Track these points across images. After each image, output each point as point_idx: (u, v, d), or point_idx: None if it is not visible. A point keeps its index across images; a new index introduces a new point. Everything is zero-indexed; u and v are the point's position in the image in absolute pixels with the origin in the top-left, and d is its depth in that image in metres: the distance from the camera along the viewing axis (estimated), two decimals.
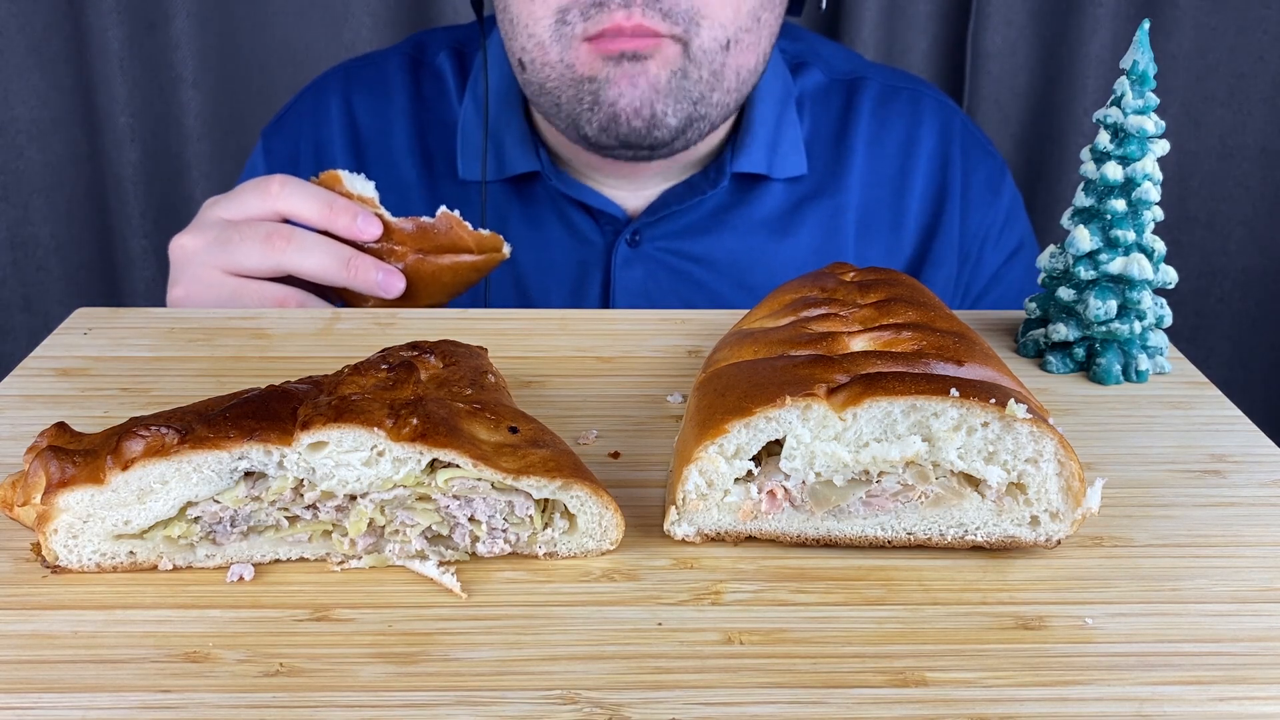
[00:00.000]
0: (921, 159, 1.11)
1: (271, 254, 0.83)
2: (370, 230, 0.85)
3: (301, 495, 0.53)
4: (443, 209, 0.87)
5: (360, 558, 0.54)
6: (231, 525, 0.54)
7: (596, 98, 0.93)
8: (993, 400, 0.53)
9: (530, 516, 0.54)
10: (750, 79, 0.98)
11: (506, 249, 0.89)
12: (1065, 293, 0.76)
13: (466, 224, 0.87)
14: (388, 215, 0.86)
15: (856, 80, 1.13)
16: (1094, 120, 0.74)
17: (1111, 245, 0.74)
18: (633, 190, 1.05)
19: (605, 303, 1.05)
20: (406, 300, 0.87)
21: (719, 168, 1.05)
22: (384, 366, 0.58)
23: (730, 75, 0.95)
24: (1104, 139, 0.74)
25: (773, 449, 0.56)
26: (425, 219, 0.87)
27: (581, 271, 1.05)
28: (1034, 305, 0.79)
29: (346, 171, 0.88)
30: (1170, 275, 0.75)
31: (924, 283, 1.09)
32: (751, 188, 1.06)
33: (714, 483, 0.55)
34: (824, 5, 1.15)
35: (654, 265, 1.05)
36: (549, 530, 0.55)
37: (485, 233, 0.88)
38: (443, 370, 0.60)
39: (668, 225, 1.05)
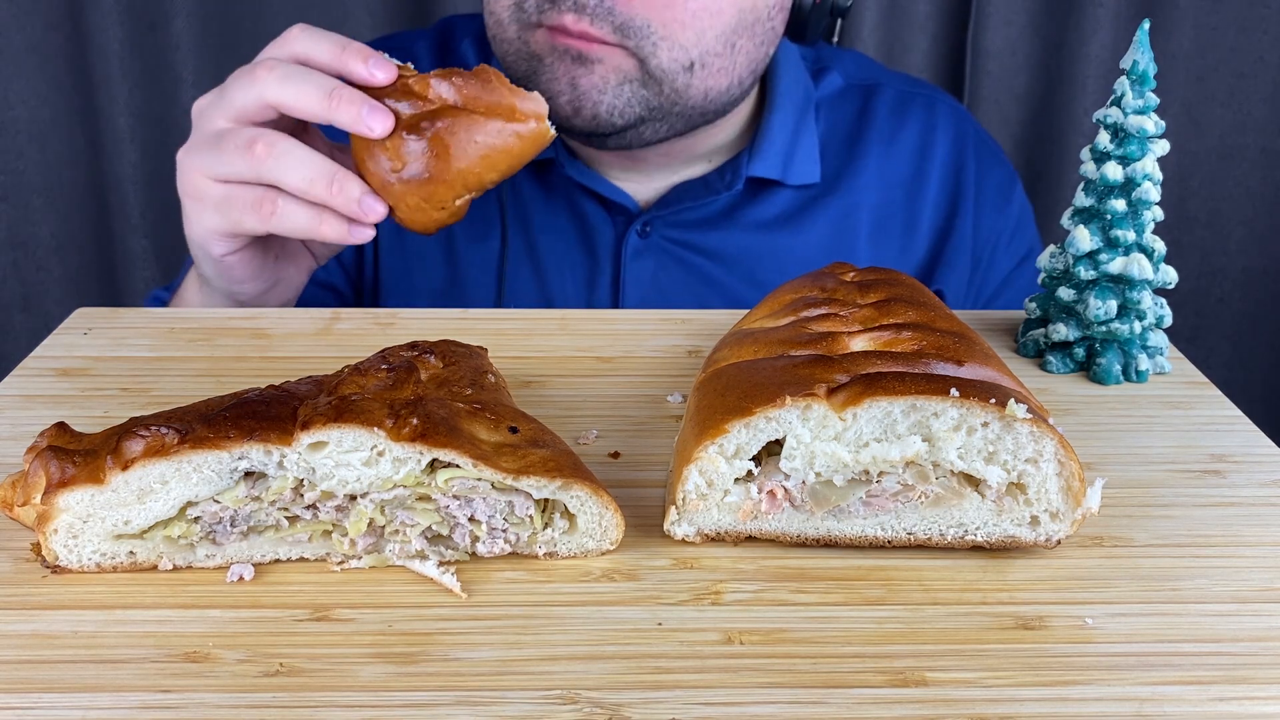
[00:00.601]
0: (936, 163, 1.12)
1: (253, 86, 0.78)
2: (380, 74, 0.77)
3: (301, 495, 0.53)
4: (483, 65, 0.79)
5: (360, 558, 0.54)
6: (231, 525, 0.54)
7: (538, 83, 0.93)
8: (993, 400, 0.53)
9: (530, 516, 0.54)
10: (721, 99, 0.98)
11: (551, 131, 0.79)
12: (1065, 293, 0.76)
13: (506, 79, 0.79)
14: (423, 74, 0.78)
15: (873, 85, 1.14)
16: (1094, 120, 0.74)
17: (1111, 245, 0.74)
18: (642, 182, 1.06)
19: (616, 291, 1.06)
20: (443, 163, 0.77)
21: (734, 170, 1.05)
22: (384, 366, 0.58)
23: (696, 95, 0.95)
24: (1104, 139, 0.74)
25: (773, 449, 0.56)
26: (459, 71, 0.78)
27: (594, 260, 1.06)
28: (1034, 305, 0.79)
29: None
30: (1170, 275, 0.75)
31: (937, 285, 1.09)
32: (764, 189, 1.07)
33: (714, 483, 0.55)
34: (836, 39, 1.15)
35: (664, 256, 1.05)
36: (549, 530, 0.55)
37: (528, 94, 0.78)
38: (443, 370, 0.60)
39: (678, 218, 1.06)
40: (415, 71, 0.78)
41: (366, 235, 0.78)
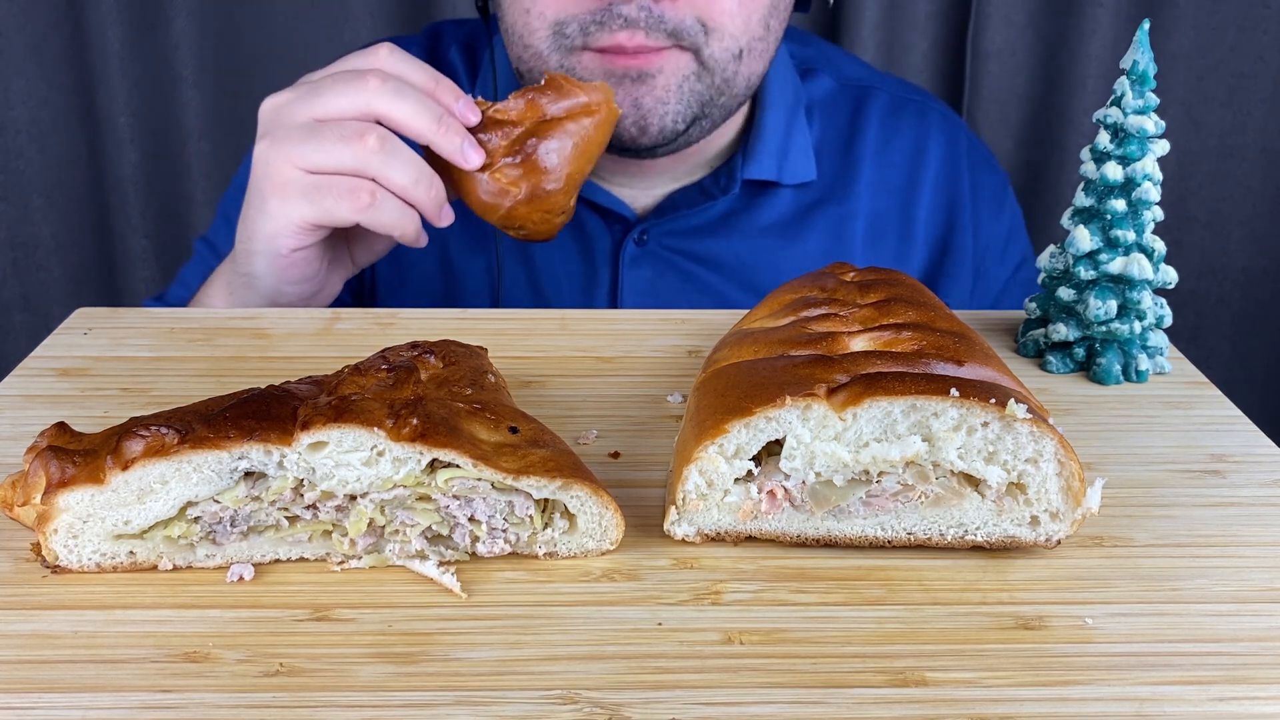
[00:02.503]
0: (930, 171, 1.12)
1: (362, 92, 0.79)
2: (470, 116, 0.81)
3: (301, 495, 0.53)
4: (548, 72, 0.84)
5: (360, 558, 0.54)
6: (231, 525, 0.54)
7: None
8: (993, 400, 0.53)
9: (530, 516, 0.54)
10: (756, 83, 1.00)
11: (619, 109, 0.85)
12: (1065, 293, 0.76)
13: (571, 78, 0.84)
14: (498, 104, 0.83)
15: (865, 89, 1.14)
16: (1094, 120, 0.74)
17: (1111, 245, 0.74)
18: (641, 189, 1.06)
19: (613, 301, 1.06)
20: (545, 175, 0.82)
21: (729, 173, 1.05)
22: (384, 367, 0.59)
23: (740, 82, 0.97)
24: (1104, 139, 0.74)
25: (773, 449, 0.56)
26: (532, 88, 0.83)
27: (591, 269, 1.06)
28: (1034, 305, 0.79)
29: None
30: (1170, 275, 0.75)
31: (938, 296, 1.09)
32: (760, 193, 1.07)
33: (714, 483, 0.55)
34: (831, 2, 1.15)
35: (661, 265, 1.05)
36: (549, 530, 0.55)
37: (594, 85, 0.84)
38: (443, 370, 0.60)
39: (675, 225, 1.05)
40: (491, 102, 0.83)
41: (425, 241, 0.83)
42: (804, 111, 1.10)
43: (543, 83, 0.83)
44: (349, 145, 0.78)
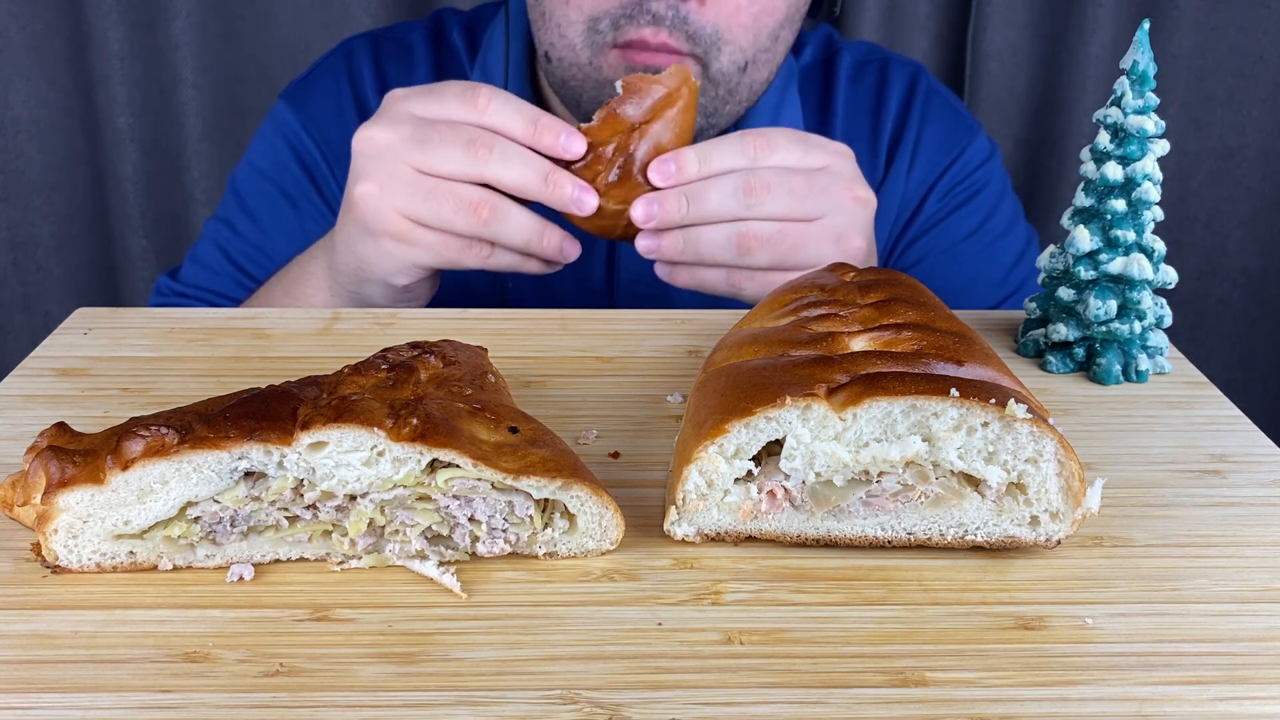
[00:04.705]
0: (888, 120, 1.13)
1: (474, 162, 0.80)
2: (575, 147, 0.82)
3: (301, 495, 0.53)
4: (620, 80, 0.84)
5: (360, 558, 0.54)
6: (231, 525, 0.54)
7: None
8: (993, 400, 0.53)
9: (530, 516, 0.54)
10: (761, 88, 1.02)
11: (696, 82, 0.85)
12: (1065, 293, 0.76)
13: (645, 75, 0.84)
14: (583, 125, 0.83)
15: (834, 55, 1.17)
16: (1094, 120, 0.74)
17: (1111, 245, 0.74)
18: None
19: (611, 268, 1.07)
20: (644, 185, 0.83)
21: None
22: (384, 366, 0.59)
23: (744, 91, 0.99)
24: (1104, 139, 0.74)
25: (773, 449, 0.56)
26: (610, 101, 0.83)
27: (589, 238, 1.06)
28: (1034, 305, 0.79)
29: None
30: (1170, 275, 0.75)
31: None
32: None
33: (714, 483, 0.55)
34: (838, 10, 1.16)
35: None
36: (549, 530, 0.55)
37: (667, 72, 0.84)
38: (443, 370, 0.60)
39: None
40: (579, 122, 0.83)
41: (558, 267, 0.86)
42: (796, 87, 1.12)
43: (620, 89, 0.83)
44: (465, 215, 0.81)
